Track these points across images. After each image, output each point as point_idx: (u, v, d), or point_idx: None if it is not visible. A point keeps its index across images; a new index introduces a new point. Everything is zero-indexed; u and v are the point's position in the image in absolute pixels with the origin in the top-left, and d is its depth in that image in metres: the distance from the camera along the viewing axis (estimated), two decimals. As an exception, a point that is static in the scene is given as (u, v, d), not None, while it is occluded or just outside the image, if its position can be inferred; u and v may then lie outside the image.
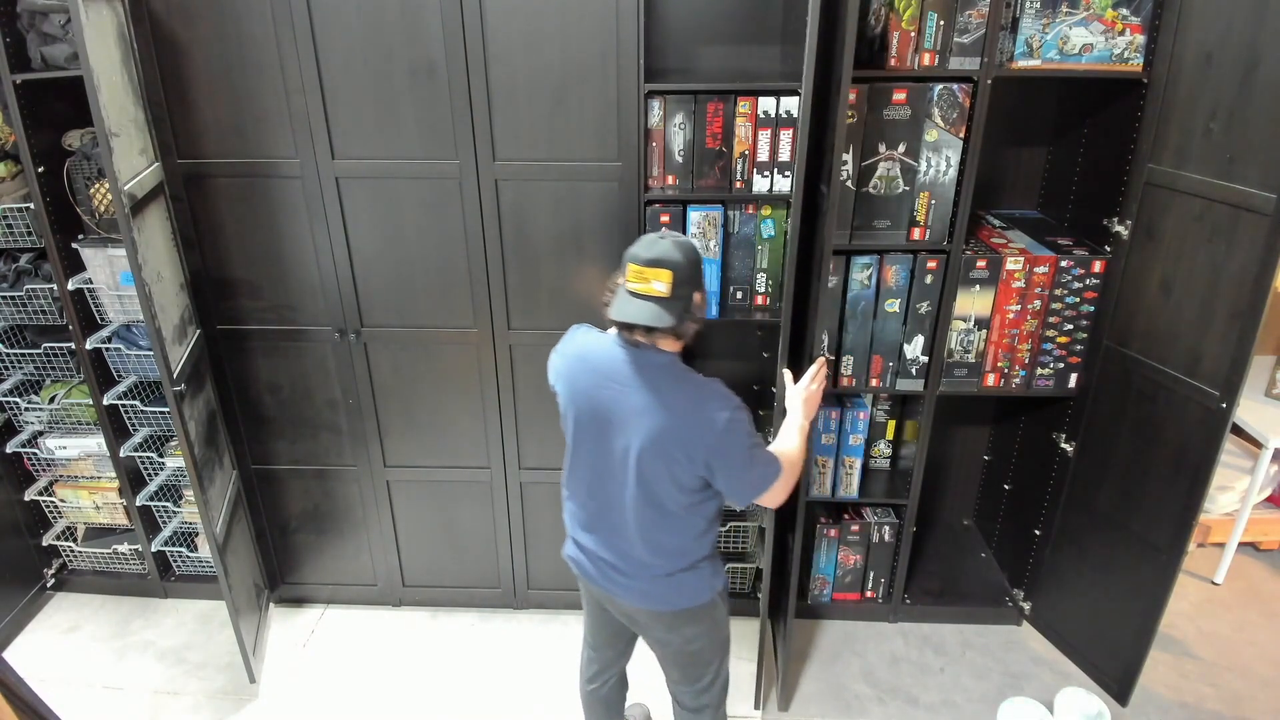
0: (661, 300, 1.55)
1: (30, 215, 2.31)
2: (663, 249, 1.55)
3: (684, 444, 1.59)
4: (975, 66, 2.03)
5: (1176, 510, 2.14)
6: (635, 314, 1.55)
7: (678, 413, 1.59)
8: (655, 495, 1.65)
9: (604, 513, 1.73)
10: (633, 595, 1.76)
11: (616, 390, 1.63)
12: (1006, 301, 2.29)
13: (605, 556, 1.76)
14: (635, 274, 1.56)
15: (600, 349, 1.68)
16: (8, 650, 2.65)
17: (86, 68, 1.79)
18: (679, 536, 1.71)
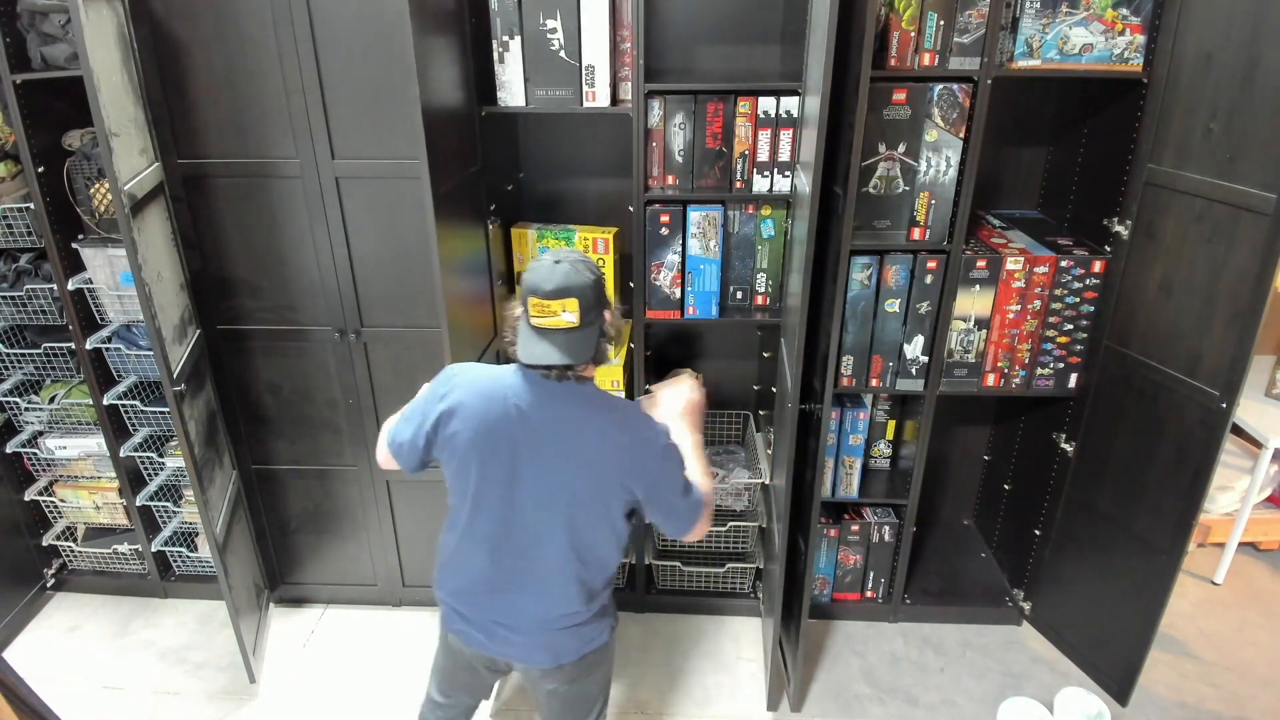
0: (573, 331, 1.42)
1: (30, 215, 2.31)
2: (564, 275, 1.41)
3: (625, 474, 1.49)
4: (975, 66, 2.03)
5: (1176, 510, 2.14)
6: (548, 354, 1.42)
7: (615, 443, 1.49)
8: (584, 538, 1.53)
9: (508, 572, 1.56)
10: (532, 654, 1.62)
11: (534, 431, 1.47)
12: (1006, 301, 2.29)
13: (501, 620, 1.59)
14: (539, 308, 1.41)
15: (506, 388, 1.49)
16: (8, 650, 2.65)
17: (86, 68, 1.80)
18: (594, 583, 1.59)
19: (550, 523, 1.52)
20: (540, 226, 2.46)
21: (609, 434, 1.49)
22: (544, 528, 1.52)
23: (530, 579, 1.56)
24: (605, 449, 1.49)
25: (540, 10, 2.10)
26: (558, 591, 1.57)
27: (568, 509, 1.51)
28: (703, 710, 2.43)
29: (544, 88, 2.19)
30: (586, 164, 2.57)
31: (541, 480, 1.50)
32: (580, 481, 1.50)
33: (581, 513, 1.52)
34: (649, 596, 2.78)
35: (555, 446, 1.48)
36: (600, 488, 1.50)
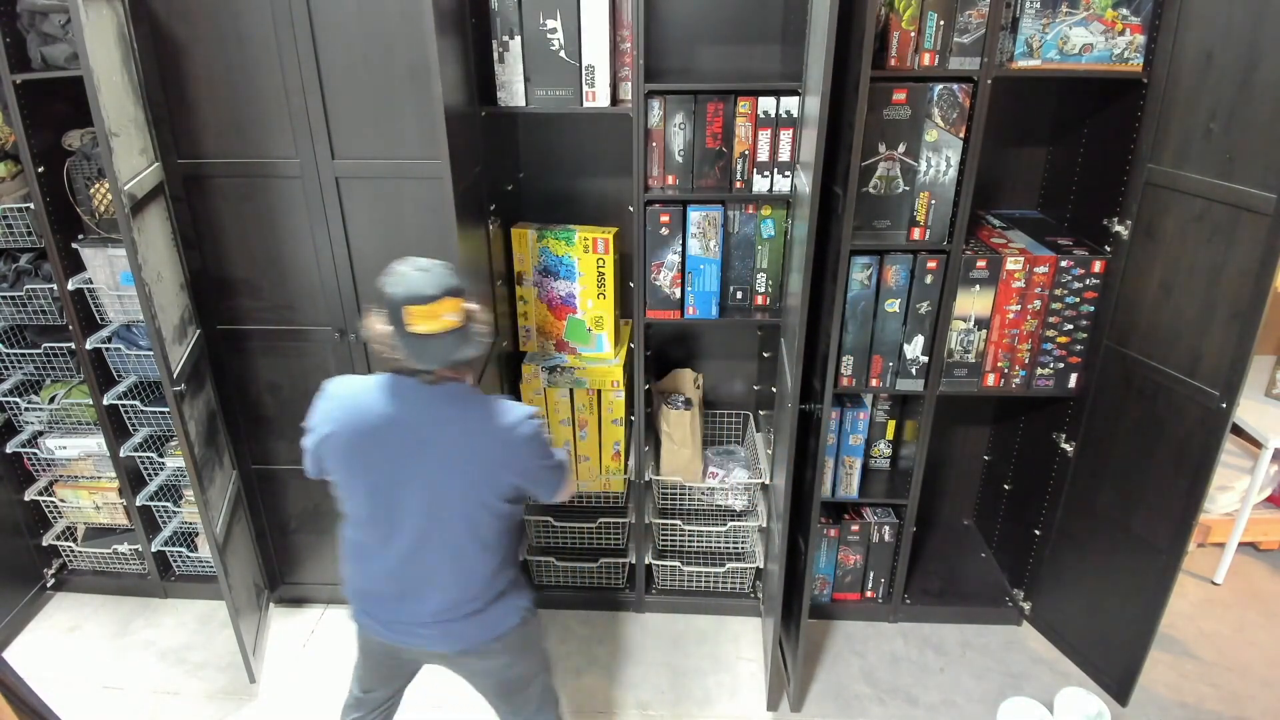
0: (458, 330, 1.48)
1: (30, 215, 2.31)
2: (439, 279, 1.45)
3: (501, 465, 1.55)
4: (975, 66, 2.03)
5: (1176, 510, 2.14)
6: (447, 354, 1.47)
7: (493, 435, 1.54)
8: (473, 531, 1.58)
9: (404, 573, 1.61)
10: (439, 642, 1.67)
11: (409, 436, 1.52)
12: (1006, 301, 2.29)
13: (403, 618, 1.65)
14: (423, 315, 1.44)
15: (378, 397, 1.54)
16: (8, 650, 2.65)
17: (86, 68, 1.80)
18: (491, 567, 1.63)
19: (436, 522, 1.56)
20: (540, 226, 2.47)
21: (480, 430, 1.54)
22: (431, 528, 1.57)
23: (425, 577, 1.61)
24: (479, 445, 1.54)
25: (540, 10, 2.10)
26: (454, 585, 1.61)
27: (451, 507, 1.55)
28: (703, 710, 2.43)
29: (544, 88, 2.19)
30: (586, 164, 2.57)
31: (422, 483, 1.54)
32: (459, 479, 1.54)
33: (466, 509, 1.56)
34: (649, 596, 2.78)
35: (431, 449, 1.52)
36: (479, 482, 1.55)
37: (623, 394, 2.53)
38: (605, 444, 2.62)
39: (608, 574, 2.81)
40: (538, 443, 1.59)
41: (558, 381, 2.53)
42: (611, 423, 2.58)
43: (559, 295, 2.51)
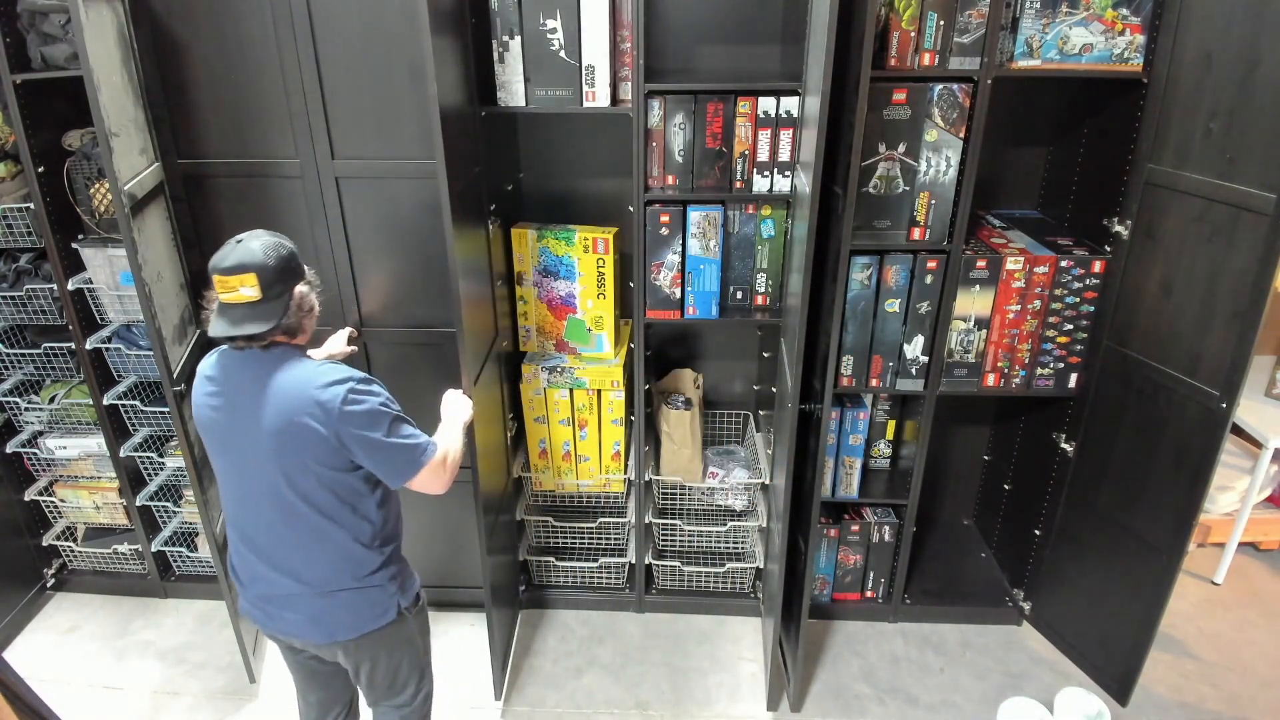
0: (255, 305, 1.50)
1: (30, 215, 2.31)
2: (243, 253, 1.49)
3: (322, 425, 1.52)
4: (975, 66, 2.03)
5: (1176, 510, 2.14)
6: (229, 327, 1.51)
7: (296, 396, 1.52)
8: (309, 499, 1.56)
9: (260, 543, 1.62)
10: (303, 628, 1.65)
11: (235, 401, 1.56)
12: (1006, 301, 2.29)
13: (268, 594, 1.65)
14: (221, 284, 1.49)
15: (213, 368, 1.60)
16: (8, 650, 2.65)
17: (86, 68, 1.80)
18: (340, 547, 1.61)
19: (275, 490, 1.56)
20: (540, 226, 2.47)
21: (289, 388, 1.53)
22: (272, 497, 1.57)
23: (282, 548, 1.62)
24: (292, 406, 1.52)
25: (540, 10, 2.10)
26: (313, 558, 1.61)
27: (286, 473, 1.55)
28: (703, 710, 2.43)
29: (544, 88, 2.19)
30: (586, 164, 2.57)
31: (250, 450, 1.56)
32: (282, 445, 1.53)
33: (301, 475, 1.55)
34: (649, 596, 2.78)
35: (249, 413, 1.54)
36: (304, 446, 1.53)
37: (623, 394, 2.53)
38: (605, 444, 2.62)
39: (608, 574, 2.81)
40: (359, 409, 1.54)
41: (558, 381, 2.53)
42: (611, 423, 2.58)
43: (559, 295, 2.51)
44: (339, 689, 1.89)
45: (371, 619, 1.67)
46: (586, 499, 2.86)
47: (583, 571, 2.81)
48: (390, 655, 1.74)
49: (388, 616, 1.68)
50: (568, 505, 2.88)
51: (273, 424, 1.52)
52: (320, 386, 1.53)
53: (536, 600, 2.82)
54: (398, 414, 1.61)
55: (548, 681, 2.53)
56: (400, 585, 1.71)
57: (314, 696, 1.88)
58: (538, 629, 2.73)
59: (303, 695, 1.89)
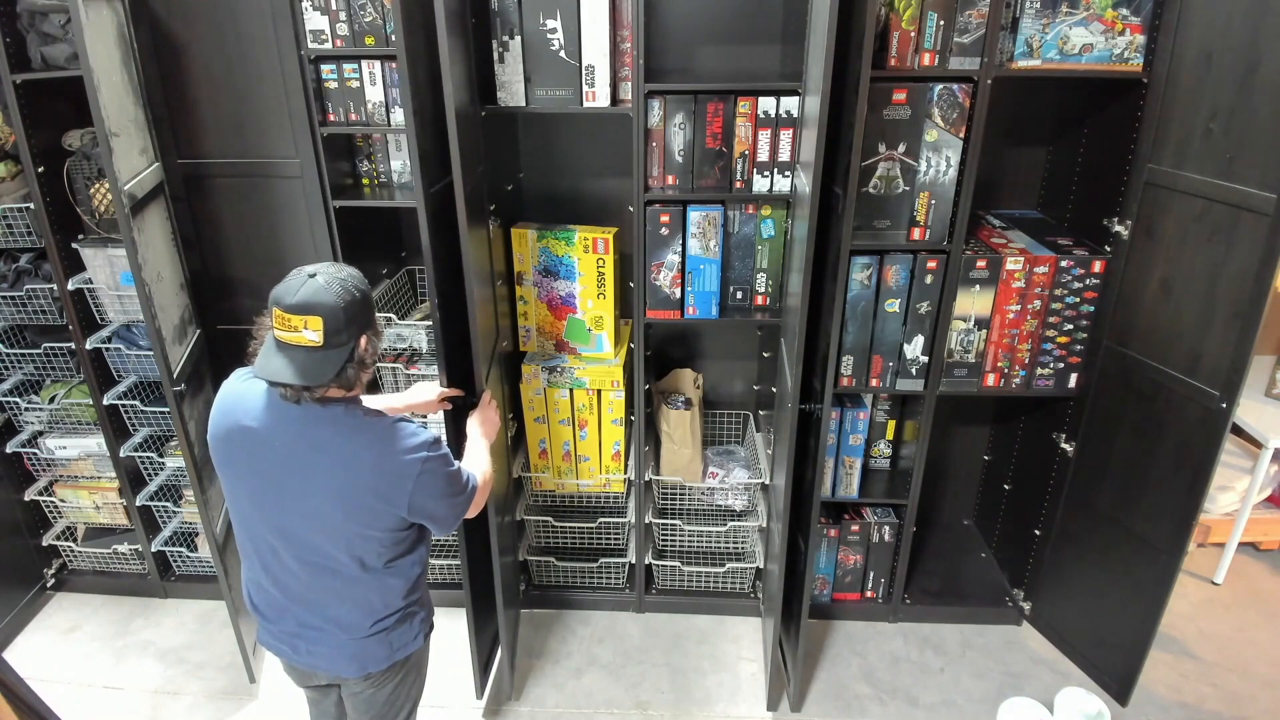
0: (314, 351, 1.35)
1: (30, 215, 2.31)
2: (312, 290, 1.34)
3: (382, 495, 1.44)
4: (975, 66, 2.03)
5: (1176, 510, 2.14)
6: (282, 371, 1.35)
7: (367, 465, 1.42)
8: (360, 560, 1.50)
9: (293, 589, 1.54)
10: (337, 664, 1.59)
11: (272, 454, 1.43)
12: (1006, 301, 2.29)
13: (298, 632, 1.58)
14: (281, 321, 1.34)
15: (255, 406, 1.44)
16: (8, 650, 2.65)
17: (86, 68, 1.80)
18: (382, 594, 1.56)
19: (316, 541, 1.48)
20: (540, 226, 2.47)
21: (357, 458, 1.42)
22: (310, 546, 1.49)
23: (315, 594, 1.54)
24: (354, 474, 1.42)
25: (540, 10, 2.10)
26: (351, 604, 1.54)
27: (331, 533, 1.46)
28: (703, 710, 2.43)
29: (544, 88, 2.19)
30: (586, 164, 2.57)
31: (291, 502, 1.45)
32: (332, 505, 1.44)
33: (346, 537, 1.47)
34: (649, 596, 2.78)
35: (299, 472, 1.43)
36: (357, 510, 1.45)
37: (623, 394, 2.53)
38: (605, 444, 2.62)
39: (608, 574, 2.81)
40: (432, 478, 1.48)
41: (558, 381, 2.53)
42: (611, 423, 2.58)
43: (559, 295, 2.51)
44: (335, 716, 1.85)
45: (402, 648, 1.64)
46: (586, 499, 2.86)
47: (583, 571, 2.81)
48: (403, 681, 1.71)
49: (416, 645, 1.66)
50: (568, 505, 2.88)
51: (336, 492, 1.42)
52: (405, 450, 1.44)
53: (537, 600, 2.82)
54: (452, 467, 1.54)
55: (548, 681, 2.53)
56: (427, 612, 1.69)
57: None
58: (538, 629, 2.73)
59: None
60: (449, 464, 1.53)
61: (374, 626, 1.58)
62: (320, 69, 2.17)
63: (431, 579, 2.81)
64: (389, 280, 2.61)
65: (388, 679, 1.67)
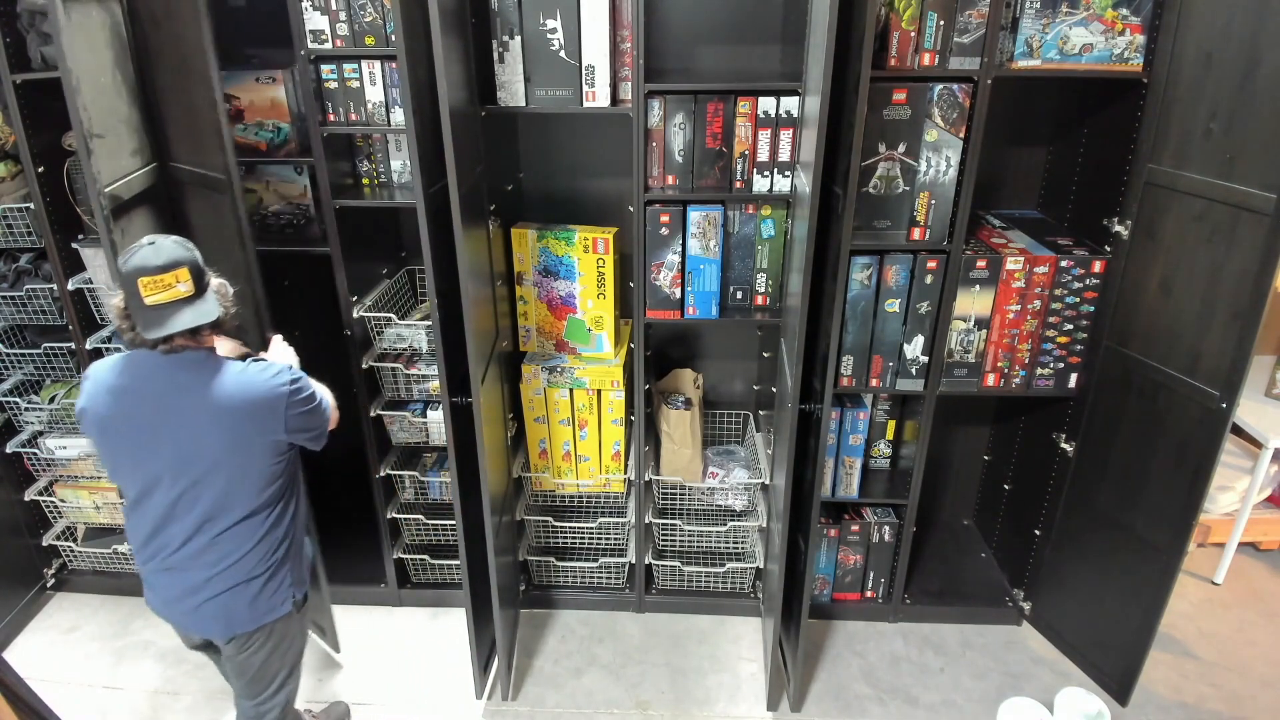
0: (191, 298, 1.53)
1: (30, 215, 2.31)
2: (166, 250, 1.50)
3: (263, 423, 1.59)
4: (975, 66, 2.03)
5: (1176, 510, 2.14)
6: (180, 322, 1.51)
7: (247, 398, 1.57)
8: (238, 497, 1.62)
9: (168, 535, 1.64)
10: (205, 624, 1.70)
11: (168, 403, 1.56)
12: (1006, 301, 2.29)
13: (175, 593, 1.69)
14: (153, 285, 1.48)
15: (133, 371, 1.58)
16: (8, 650, 2.65)
17: (65, 68, 1.79)
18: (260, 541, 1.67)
19: (196, 492, 1.60)
20: (540, 226, 2.47)
21: (228, 392, 1.57)
22: (192, 499, 1.60)
23: (191, 548, 1.64)
24: (229, 409, 1.57)
25: (540, 10, 2.10)
26: (222, 559, 1.65)
27: (207, 476, 1.59)
28: (703, 710, 2.43)
29: (544, 88, 2.19)
30: (586, 164, 2.57)
31: (174, 454, 1.58)
32: (211, 446, 1.57)
33: (224, 475, 1.60)
34: (649, 596, 2.78)
35: (176, 418, 1.56)
36: (235, 440, 1.58)
37: (623, 394, 2.53)
38: (605, 444, 2.62)
39: (608, 574, 2.81)
40: (299, 395, 1.63)
41: (558, 381, 2.53)
42: (611, 423, 2.58)
43: (559, 295, 2.51)
44: None
45: (269, 611, 1.72)
46: (586, 499, 2.86)
47: (583, 571, 2.81)
48: (271, 650, 1.79)
49: (284, 608, 1.75)
50: (568, 505, 2.88)
51: (212, 424, 1.56)
52: (265, 383, 1.59)
53: (536, 600, 2.82)
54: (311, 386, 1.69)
55: (548, 681, 2.53)
56: (295, 579, 1.77)
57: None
58: (538, 629, 2.73)
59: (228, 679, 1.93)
60: (307, 383, 1.68)
61: (241, 583, 1.67)
62: (320, 69, 2.17)
63: (431, 579, 2.82)
64: (389, 280, 2.61)
65: (257, 644, 1.75)
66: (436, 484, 2.71)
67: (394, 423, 2.61)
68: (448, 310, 2.02)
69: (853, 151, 1.96)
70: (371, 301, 2.46)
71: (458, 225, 1.86)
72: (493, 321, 2.32)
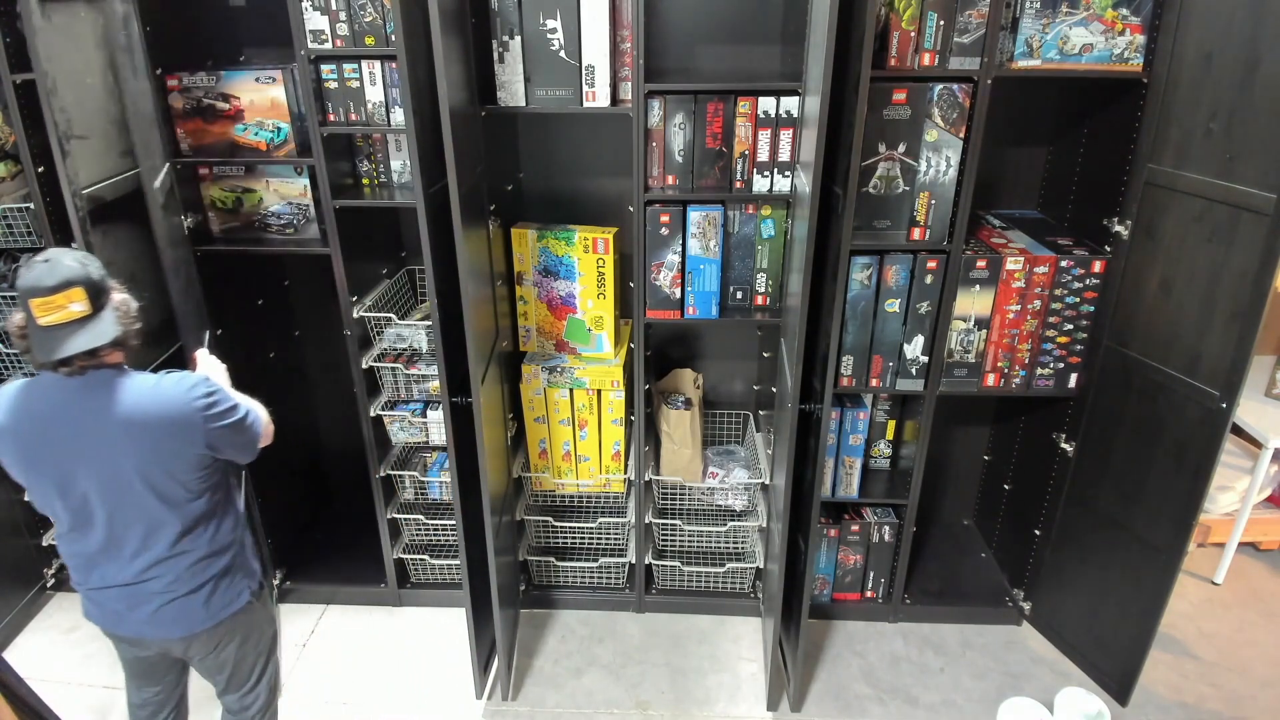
0: (86, 319, 1.45)
1: (30, 215, 2.31)
2: (62, 270, 1.43)
3: (181, 438, 1.54)
4: (975, 66, 2.03)
5: (1176, 510, 2.14)
6: (74, 345, 1.44)
7: (162, 414, 1.52)
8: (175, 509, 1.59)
9: (112, 556, 1.62)
10: (165, 626, 1.68)
11: (79, 427, 1.51)
12: (1006, 301, 2.29)
13: (123, 606, 1.67)
14: (45, 306, 1.42)
15: (39, 396, 1.52)
16: (8, 650, 2.65)
17: (39, 70, 1.79)
18: (203, 546, 1.65)
19: (129, 512, 1.57)
20: (540, 226, 2.47)
21: (143, 411, 1.52)
22: (126, 517, 1.58)
23: (136, 563, 1.62)
24: (145, 427, 1.52)
25: (540, 10, 2.10)
26: (166, 569, 1.63)
27: (136, 495, 1.55)
28: (703, 710, 2.43)
29: (544, 88, 2.19)
30: (586, 164, 2.57)
31: (99, 477, 1.54)
32: (133, 465, 1.53)
33: (153, 493, 1.56)
34: (649, 596, 2.78)
35: (94, 440, 1.51)
36: (155, 464, 1.54)
37: (623, 394, 2.53)
38: (605, 444, 2.62)
39: (608, 574, 2.81)
40: (214, 408, 1.57)
41: (558, 381, 2.53)
42: (611, 423, 2.58)
43: (559, 295, 2.51)
44: (173, 686, 1.93)
45: (223, 606, 1.71)
46: (586, 499, 2.86)
47: (583, 571, 2.81)
48: (241, 641, 1.79)
49: (240, 602, 1.73)
50: (568, 505, 2.88)
51: (133, 441, 1.51)
52: (176, 397, 1.53)
53: (536, 600, 2.82)
54: (235, 399, 1.65)
55: (548, 681, 2.53)
56: (247, 572, 1.76)
57: (148, 693, 1.91)
58: (538, 629, 2.73)
59: (135, 693, 1.91)
60: (224, 396, 1.61)
61: (194, 589, 1.66)
62: (320, 69, 2.17)
63: (431, 579, 2.82)
64: (389, 280, 2.61)
65: (224, 641, 1.76)
66: (436, 484, 2.71)
67: (394, 422, 2.61)
68: (448, 310, 2.02)
69: (853, 151, 1.96)
70: (371, 301, 2.46)
71: (458, 225, 1.86)
72: (493, 321, 2.32)
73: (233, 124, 2.25)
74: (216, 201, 2.39)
